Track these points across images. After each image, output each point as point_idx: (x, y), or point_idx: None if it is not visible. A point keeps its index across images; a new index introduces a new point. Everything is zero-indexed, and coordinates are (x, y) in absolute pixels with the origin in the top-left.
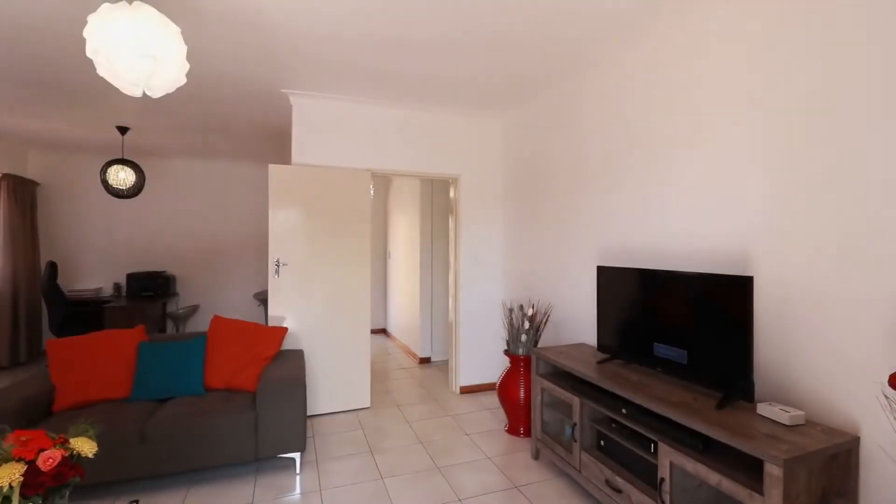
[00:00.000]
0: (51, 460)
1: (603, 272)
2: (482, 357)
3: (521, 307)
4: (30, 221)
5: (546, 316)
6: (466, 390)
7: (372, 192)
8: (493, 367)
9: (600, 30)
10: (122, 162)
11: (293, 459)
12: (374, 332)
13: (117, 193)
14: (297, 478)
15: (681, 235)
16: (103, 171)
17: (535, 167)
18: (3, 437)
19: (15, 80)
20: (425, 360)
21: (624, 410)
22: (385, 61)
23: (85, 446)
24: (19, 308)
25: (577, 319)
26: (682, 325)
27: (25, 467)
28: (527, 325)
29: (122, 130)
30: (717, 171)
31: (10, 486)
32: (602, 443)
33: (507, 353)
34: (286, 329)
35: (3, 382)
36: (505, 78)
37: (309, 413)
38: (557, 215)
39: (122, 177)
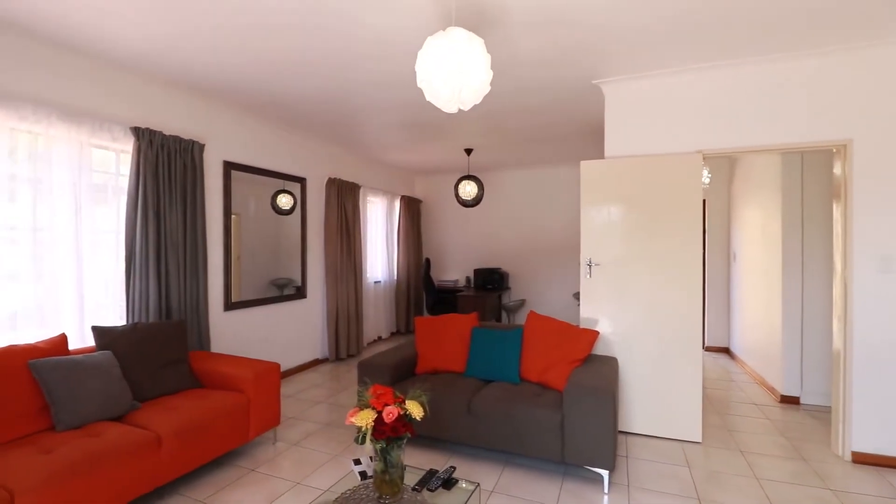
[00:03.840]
0: (390, 415)
1: None
2: (895, 414)
3: None
4: (416, 229)
5: None
6: (863, 459)
7: (708, 178)
8: None
9: None
10: (468, 178)
11: (601, 475)
12: (711, 349)
13: (465, 203)
14: (605, 497)
15: None
16: (455, 186)
17: None
18: (367, 388)
19: (402, 124)
20: (790, 400)
21: None
22: None
23: (415, 410)
24: (410, 291)
25: None
26: None
27: (376, 416)
28: None
29: (468, 152)
30: None
31: (367, 428)
32: None
33: None
34: (597, 333)
35: (395, 345)
36: None
37: (621, 428)
38: None
39: (468, 190)
